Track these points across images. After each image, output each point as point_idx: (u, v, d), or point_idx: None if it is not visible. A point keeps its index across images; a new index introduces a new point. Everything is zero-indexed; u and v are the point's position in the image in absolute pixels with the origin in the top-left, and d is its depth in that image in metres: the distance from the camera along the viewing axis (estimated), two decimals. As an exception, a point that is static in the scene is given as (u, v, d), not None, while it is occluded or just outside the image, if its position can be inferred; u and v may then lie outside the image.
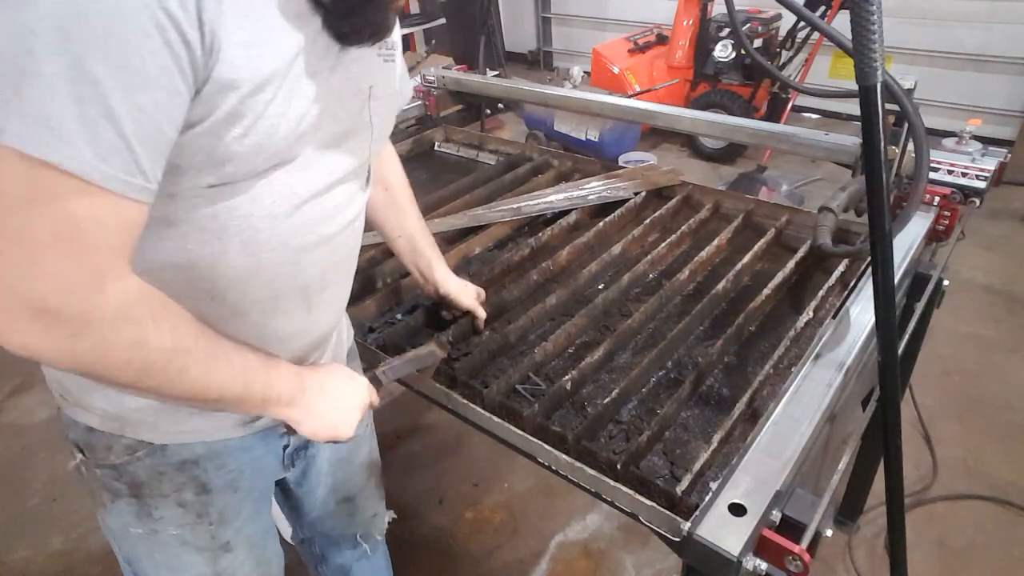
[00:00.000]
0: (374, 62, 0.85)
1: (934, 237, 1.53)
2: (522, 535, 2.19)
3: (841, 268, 1.43)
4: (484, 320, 1.31)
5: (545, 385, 1.19)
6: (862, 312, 1.22)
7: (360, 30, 0.75)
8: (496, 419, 1.08)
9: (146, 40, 0.57)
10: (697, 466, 0.97)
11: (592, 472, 0.96)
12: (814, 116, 5.39)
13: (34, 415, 2.76)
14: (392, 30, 0.84)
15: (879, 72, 0.78)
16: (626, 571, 2.05)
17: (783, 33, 4.32)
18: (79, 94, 0.55)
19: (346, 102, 0.81)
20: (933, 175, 1.49)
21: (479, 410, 1.10)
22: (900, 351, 1.12)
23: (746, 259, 1.47)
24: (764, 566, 0.84)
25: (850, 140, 1.64)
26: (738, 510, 0.86)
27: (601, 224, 1.66)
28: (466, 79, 2.36)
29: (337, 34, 0.73)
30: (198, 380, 0.73)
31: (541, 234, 1.63)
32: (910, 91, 1.33)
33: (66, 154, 0.56)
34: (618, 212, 1.71)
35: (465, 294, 1.28)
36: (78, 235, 0.60)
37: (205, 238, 0.74)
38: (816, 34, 4.15)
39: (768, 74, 4.46)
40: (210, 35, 0.61)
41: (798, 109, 5.21)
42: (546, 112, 4.44)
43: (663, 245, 1.55)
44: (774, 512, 0.89)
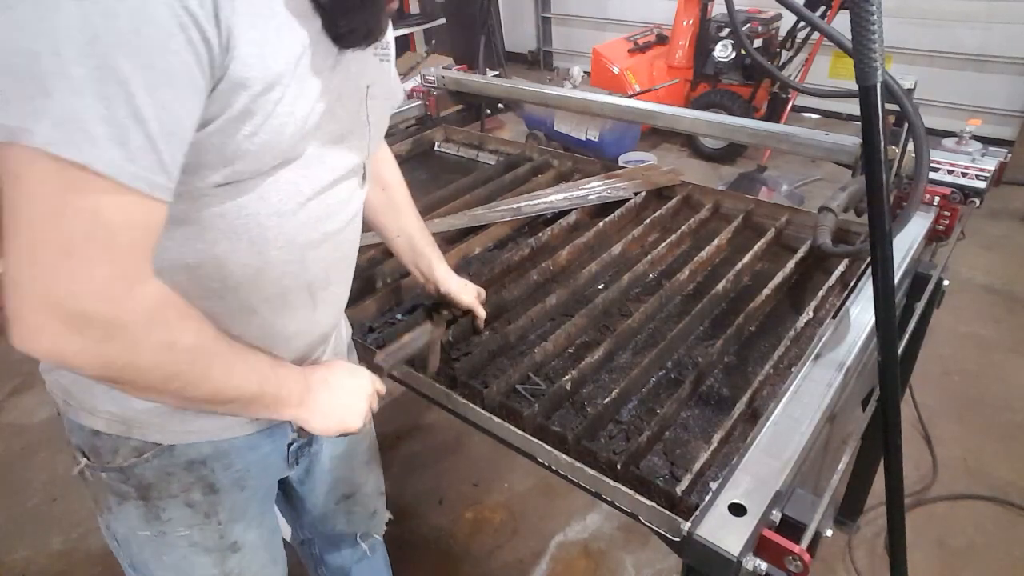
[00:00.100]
0: (370, 62, 0.86)
1: (934, 237, 1.53)
2: (522, 535, 2.18)
3: (841, 268, 1.43)
4: (484, 320, 1.32)
5: (545, 385, 1.19)
6: (862, 312, 1.22)
7: (355, 31, 0.75)
8: (496, 419, 1.08)
9: (171, 40, 0.58)
10: (697, 466, 0.97)
11: (592, 472, 0.96)
12: (814, 116, 5.39)
13: (34, 415, 2.76)
14: (385, 32, 0.84)
15: (879, 72, 0.78)
16: (626, 571, 2.05)
17: (783, 33, 4.32)
18: (107, 94, 0.55)
19: (345, 101, 0.82)
20: (933, 175, 1.49)
21: (479, 410, 1.10)
22: (900, 351, 1.12)
23: (746, 259, 1.47)
24: (764, 566, 0.84)
25: (850, 140, 1.64)
26: (738, 510, 0.86)
27: (601, 224, 1.66)
28: (466, 79, 2.36)
29: (334, 35, 0.74)
30: (218, 381, 0.74)
31: (541, 234, 1.63)
32: (910, 91, 1.33)
33: (95, 155, 0.56)
34: (618, 212, 1.71)
35: (465, 293, 1.28)
36: (109, 237, 0.60)
37: (214, 237, 0.75)
38: (816, 34, 4.15)
39: (768, 74, 4.45)
40: (226, 33, 0.62)
41: (798, 109, 5.21)
42: (546, 112, 4.44)
43: (663, 245, 1.55)
44: (774, 512, 0.89)
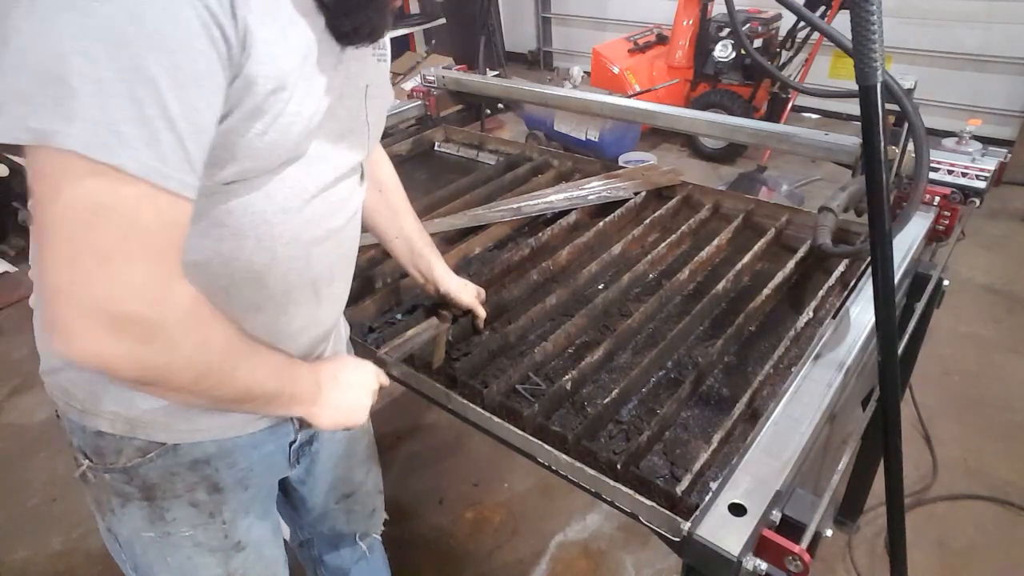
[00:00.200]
0: (369, 62, 0.87)
1: (934, 237, 1.53)
2: (522, 535, 2.18)
3: (841, 268, 1.43)
4: (484, 319, 1.32)
5: (545, 385, 1.19)
6: (862, 312, 1.22)
7: (359, 29, 0.75)
8: (496, 419, 1.08)
9: (195, 39, 0.58)
10: (697, 466, 0.97)
11: (592, 472, 0.96)
12: (814, 116, 5.39)
13: (34, 415, 2.76)
14: (388, 30, 0.84)
15: (879, 72, 0.79)
16: (626, 571, 2.05)
17: (783, 33, 4.32)
18: (138, 96, 0.56)
19: (346, 100, 0.82)
20: (933, 175, 1.49)
21: (479, 410, 1.10)
22: (900, 351, 1.12)
23: (746, 259, 1.47)
24: (764, 566, 0.84)
25: (850, 140, 1.64)
26: (738, 510, 0.86)
27: (601, 224, 1.66)
28: (466, 79, 2.36)
29: (337, 33, 0.74)
30: (244, 380, 0.75)
31: (541, 234, 1.63)
32: (910, 91, 1.33)
33: (127, 156, 0.57)
34: (618, 212, 1.71)
35: (465, 293, 1.28)
36: (146, 238, 0.60)
37: (221, 234, 0.75)
38: (816, 34, 4.15)
39: (768, 74, 4.46)
40: (243, 30, 0.62)
41: (798, 109, 5.21)
42: (546, 112, 4.44)
43: (663, 245, 1.55)
44: (774, 512, 0.89)
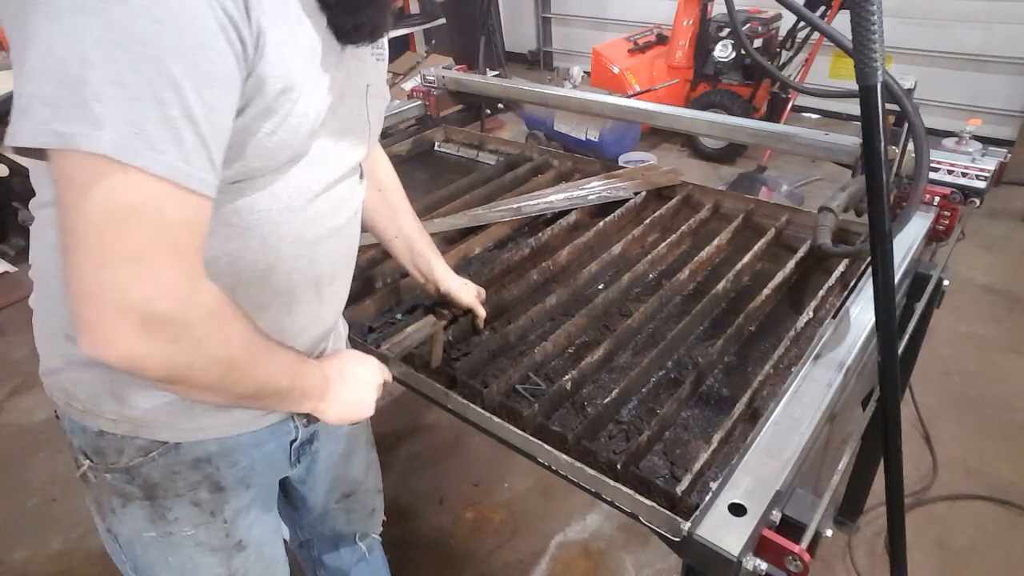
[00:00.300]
0: (368, 61, 0.87)
1: (934, 237, 1.53)
2: (522, 535, 2.18)
3: (841, 268, 1.43)
4: (484, 319, 1.32)
5: (545, 385, 1.19)
6: (862, 312, 1.22)
7: (360, 28, 0.76)
8: (496, 419, 1.08)
9: (214, 41, 0.59)
10: (697, 466, 0.97)
11: (592, 472, 0.96)
12: (814, 116, 5.39)
13: (34, 415, 2.76)
14: (388, 29, 0.85)
15: (879, 72, 0.79)
16: (626, 571, 2.05)
17: (783, 33, 4.32)
18: (162, 98, 0.57)
19: (347, 100, 0.83)
20: (933, 175, 1.49)
21: (479, 410, 1.10)
22: (900, 351, 1.12)
23: (746, 259, 1.47)
24: (764, 566, 0.84)
25: (850, 140, 1.64)
26: (738, 510, 0.86)
27: (601, 224, 1.66)
28: (466, 79, 2.36)
29: (339, 32, 0.74)
30: (263, 375, 0.76)
31: (541, 234, 1.63)
32: (910, 91, 1.33)
33: (152, 157, 0.57)
34: (618, 212, 1.71)
35: (465, 292, 1.28)
36: (173, 238, 0.61)
37: (228, 234, 0.76)
38: (816, 34, 4.15)
39: (768, 74, 4.46)
40: (256, 30, 0.63)
41: (798, 109, 5.21)
42: (546, 112, 4.44)
43: (663, 245, 1.55)
44: (774, 512, 0.89)
